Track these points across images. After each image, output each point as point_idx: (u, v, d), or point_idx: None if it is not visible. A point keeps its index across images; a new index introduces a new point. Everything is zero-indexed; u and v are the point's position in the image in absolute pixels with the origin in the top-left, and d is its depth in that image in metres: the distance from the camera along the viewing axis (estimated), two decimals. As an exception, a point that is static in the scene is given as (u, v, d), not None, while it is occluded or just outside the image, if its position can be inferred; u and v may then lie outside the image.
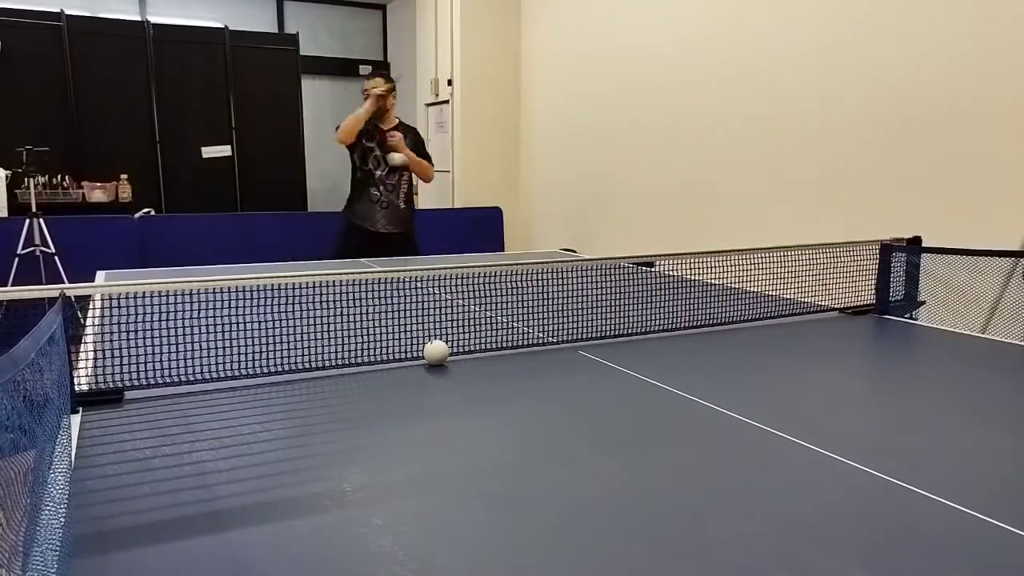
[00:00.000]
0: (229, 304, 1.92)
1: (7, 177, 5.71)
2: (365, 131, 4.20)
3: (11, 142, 5.59)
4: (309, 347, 1.94)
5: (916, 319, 2.68)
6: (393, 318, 2.17)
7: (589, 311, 2.37)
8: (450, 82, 6.89)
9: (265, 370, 1.87)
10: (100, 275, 3.22)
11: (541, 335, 2.28)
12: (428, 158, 4.41)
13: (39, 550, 0.86)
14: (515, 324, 2.36)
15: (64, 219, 5.38)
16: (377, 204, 4.26)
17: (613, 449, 1.45)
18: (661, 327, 2.36)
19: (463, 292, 2.29)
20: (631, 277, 2.62)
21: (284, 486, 1.26)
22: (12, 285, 4.71)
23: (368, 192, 4.27)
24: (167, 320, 1.85)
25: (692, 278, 2.56)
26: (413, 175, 4.43)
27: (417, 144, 4.37)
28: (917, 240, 2.71)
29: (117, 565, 1.02)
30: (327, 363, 1.93)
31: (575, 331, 2.29)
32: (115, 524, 1.13)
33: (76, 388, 1.64)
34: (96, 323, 2.12)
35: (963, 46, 3.37)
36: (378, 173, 4.24)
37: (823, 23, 4.02)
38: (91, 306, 2.28)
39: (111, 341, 1.78)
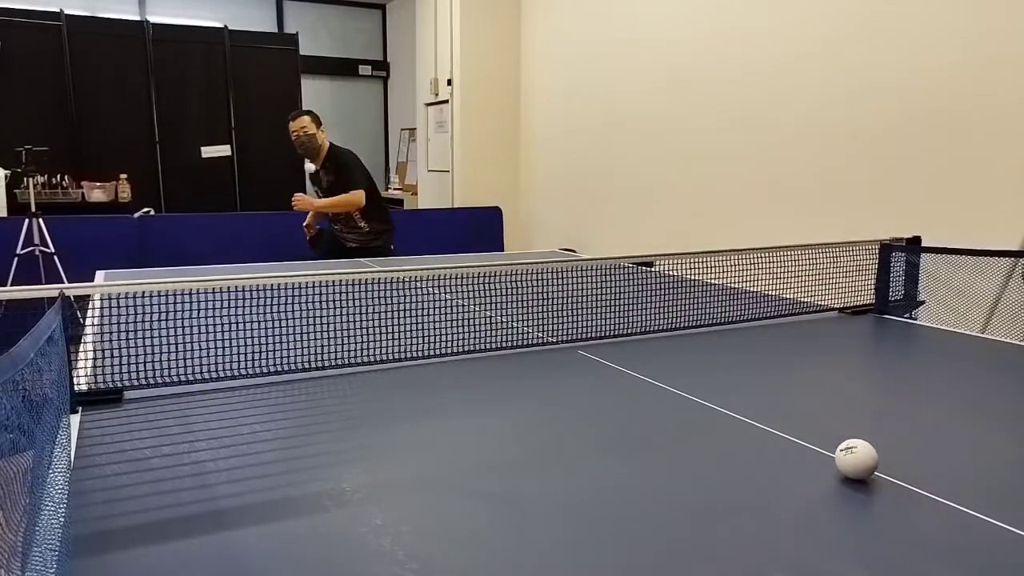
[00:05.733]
0: (229, 304, 1.92)
1: (7, 177, 5.70)
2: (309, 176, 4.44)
3: (11, 142, 5.59)
4: (308, 347, 1.94)
5: (916, 319, 2.68)
6: (393, 318, 2.17)
7: (589, 311, 2.37)
8: (450, 82, 6.88)
9: (265, 370, 1.87)
10: (99, 275, 3.21)
11: (541, 335, 2.28)
12: (351, 184, 4.20)
13: (38, 550, 0.86)
14: (515, 324, 2.36)
15: (64, 219, 5.37)
16: (340, 231, 4.44)
17: (613, 449, 1.45)
18: (661, 327, 2.36)
19: (463, 292, 2.29)
20: (631, 277, 2.62)
21: (284, 486, 1.26)
22: (12, 285, 4.70)
23: (328, 222, 4.51)
24: (166, 320, 1.85)
25: (692, 278, 2.56)
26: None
27: (339, 177, 4.23)
28: (917, 240, 2.71)
29: (117, 565, 1.02)
30: (327, 363, 1.93)
31: (575, 331, 2.29)
32: (115, 524, 1.13)
33: (75, 388, 1.64)
34: (95, 323, 2.12)
35: (963, 46, 3.36)
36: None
37: (823, 23, 4.02)
38: (90, 306, 2.28)
39: (110, 341, 1.78)
